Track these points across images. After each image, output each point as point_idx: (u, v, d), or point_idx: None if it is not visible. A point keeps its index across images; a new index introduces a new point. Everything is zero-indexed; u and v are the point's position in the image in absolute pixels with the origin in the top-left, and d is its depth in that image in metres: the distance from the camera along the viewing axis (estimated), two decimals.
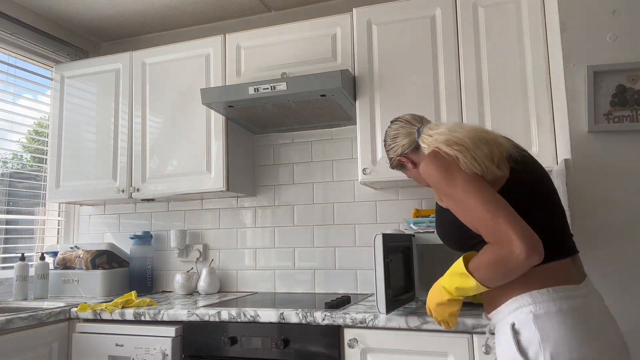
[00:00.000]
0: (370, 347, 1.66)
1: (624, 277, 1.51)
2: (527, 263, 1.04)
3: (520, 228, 1.06)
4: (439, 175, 1.20)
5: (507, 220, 1.07)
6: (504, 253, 1.06)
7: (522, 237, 1.05)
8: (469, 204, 1.13)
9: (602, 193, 1.56)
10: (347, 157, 2.47)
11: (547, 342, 1.05)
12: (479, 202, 1.12)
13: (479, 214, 1.11)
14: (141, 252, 2.60)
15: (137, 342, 1.92)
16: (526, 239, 1.04)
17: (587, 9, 1.63)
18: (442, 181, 1.19)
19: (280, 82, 2.00)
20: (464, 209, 1.15)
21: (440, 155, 1.23)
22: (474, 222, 1.14)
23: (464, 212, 1.16)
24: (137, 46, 2.97)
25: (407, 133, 1.42)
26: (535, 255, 1.04)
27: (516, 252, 1.04)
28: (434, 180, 1.22)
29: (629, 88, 1.56)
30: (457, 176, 1.17)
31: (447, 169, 1.19)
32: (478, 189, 1.14)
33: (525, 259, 1.04)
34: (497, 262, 1.08)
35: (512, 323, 1.11)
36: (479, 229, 1.12)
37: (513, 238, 1.05)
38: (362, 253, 2.39)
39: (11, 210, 2.64)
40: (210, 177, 2.32)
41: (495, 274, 1.10)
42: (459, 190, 1.16)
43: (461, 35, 2.00)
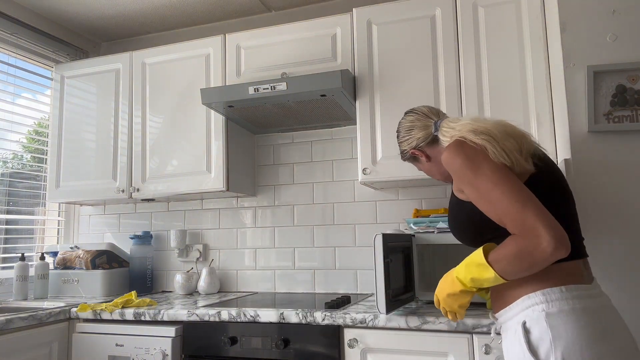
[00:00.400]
0: (370, 347, 1.66)
1: (625, 276, 1.51)
2: (554, 256, 1.02)
3: (549, 220, 1.04)
4: (464, 164, 1.16)
5: (535, 211, 1.05)
6: (530, 245, 1.03)
7: (550, 229, 1.02)
8: (495, 194, 1.10)
9: (602, 193, 1.56)
10: (347, 157, 2.47)
11: (559, 341, 1.03)
12: (506, 192, 1.08)
13: (505, 204, 1.08)
14: (141, 252, 2.60)
15: (137, 342, 1.92)
16: (554, 232, 1.02)
17: (587, 9, 1.63)
18: (468, 170, 1.15)
19: (280, 82, 2.00)
20: (489, 200, 1.11)
21: (466, 144, 1.19)
22: (499, 214, 1.10)
23: (488, 203, 1.12)
24: (137, 46, 2.97)
25: (424, 126, 1.38)
26: (563, 249, 1.02)
27: (543, 245, 1.02)
28: (458, 169, 1.17)
29: (629, 88, 1.56)
30: (484, 165, 1.14)
31: (473, 158, 1.15)
32: (506, 179, 1.10)
33: (553, 251, 1.01)
34: (522, 254, 1.05)
35: (524, 321, 1.10)
36: (504, 220, 1.09)
37: (541, 230, 1.02)
38: (362, 253, 2.39)
39: (11, 210, 2.64)
40: (210, 177, 2.32)
41: (518, 266, 1.06)
42: (485, 179, 1.12)
43: (461, 35, 2.00)
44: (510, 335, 1.14)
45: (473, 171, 1.14)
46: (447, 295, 1.22)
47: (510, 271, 1.08)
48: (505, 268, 1.08)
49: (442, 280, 1.25)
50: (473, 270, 1.14)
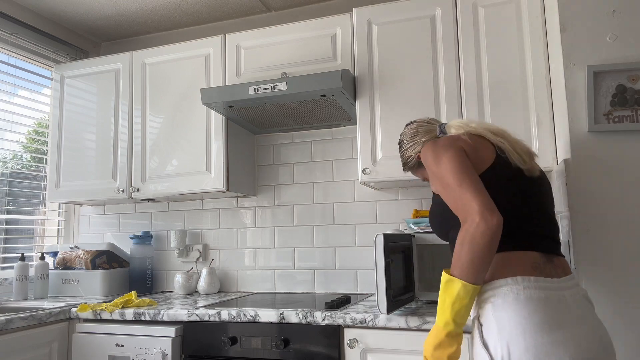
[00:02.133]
0: (370, 347, 1.66)
1: (625, 276, 1.51)
2: (489, 227, 1.04)
3: (483, 197, 1.08)
4: (430, 158, 1.23)
5: (472, 192, 1.09)
6: (468, 227, 1.07)
7: (480, 202, 1.06)
8: (448, 180, 1.15)
9: (602, 193, 1.56)
10: (347, 157, 2.47)
11: (503, 331, 1.04)
12: (453, 176, 1.14)
13: (452, 189, 1.13)
14: (141, 252, 2.60)
15: (137, 342, 1.92)
16: (484, 203, 1.06)
17: (587, 9, 1.63)
18: (432, 162, 1.22)
19: (280, 82, 2.00)
20: (444, 189, 1.17)
21: (439, 141, 1.26)
22: (450, 200, 1.15)
23: (444, 189, 1.17)
24: (137, 46, 2.97)
25: (428, 130, 1.42)
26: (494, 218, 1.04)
27: (476, 220, 1.05)
28: (427, 164, 1.25)
29: (629, 88, 1.56)
30: (444, 154, 1.20)
31: (436, 150, 1.23)
32: (456, 165, 1.16)
33: (485, 222, 1.04)
34: (465, 241, 1.07)
35: (478, 315, 1.12)
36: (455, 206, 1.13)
37: (474, 204, 1.07)
38: (362, 253, 2.39)
39: (11, 210, 2.64)
40: (210, 177, 2.32)
41: (467, 256, 1.07)
42: (442, 169, 1.18)
43: (461, 35, 2.00)
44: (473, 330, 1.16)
45: (436, 162, 1.21)
46: (433, 348, 1.14)
47: (465, 266, 1.07)
48: (462, 267, 1.08)
49: (427, 337, 1.19)
50: (444, 297, 1.11)
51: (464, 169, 1.15)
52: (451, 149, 1.20)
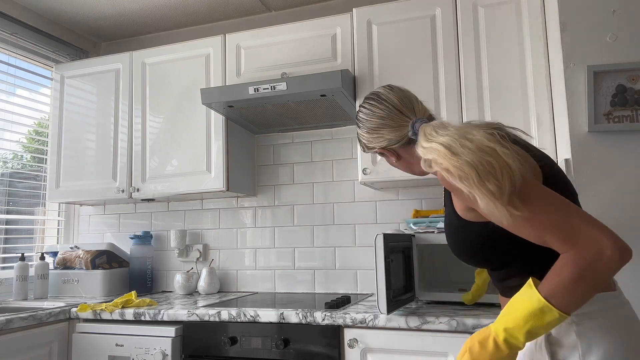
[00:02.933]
0: (370, 347, 1.66)
1: (626, 276, 1.51)
2: (621, 264, 0.87)
3: (599, 224, 0.89)
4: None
5: (582, 218, 0.89)
6: (591, 256, 0.87)
7: (607, 233, 0.88)
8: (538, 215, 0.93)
9: (602, 193, 1.56)
10: (347, 157, 2.47)
11: (590, 354, 0.93)
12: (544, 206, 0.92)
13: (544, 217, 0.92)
14: (141, 252, 2.60)
15: (137, 342, 1.92)
16: (611, 235, 0.88)
17: (587, 9, 1.63)
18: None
19: (280, 82, 2.00)
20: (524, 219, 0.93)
21: None
22: (536, 229, 0.93)
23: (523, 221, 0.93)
24: (137, 46, 2.97)
25: (397, 126, 1.15)
26: (628, 253, 0.87)
27: (608, 253, 0.86)
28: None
29: (629, 88, 1.56)
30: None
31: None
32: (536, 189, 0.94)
33: (620, 257, 0.86)
34: (583, 271, 0.88)
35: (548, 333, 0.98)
36: (546, 235, 0.92)
37: (600, 237, 0.87)
38: (362, 253, 2.39)
39: (11, 210, 2.64)
40: (210, 177, 2.32)
41: (581, 289, 0.89)
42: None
43: (461, 35, 2.00)
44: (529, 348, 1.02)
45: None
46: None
47: (573, 300, 0.89)
48: (567, 298, 0.89)
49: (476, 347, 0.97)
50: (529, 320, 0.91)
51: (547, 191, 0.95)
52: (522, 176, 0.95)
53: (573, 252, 0.89)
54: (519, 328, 0.91)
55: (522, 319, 0.91)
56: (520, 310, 0.92)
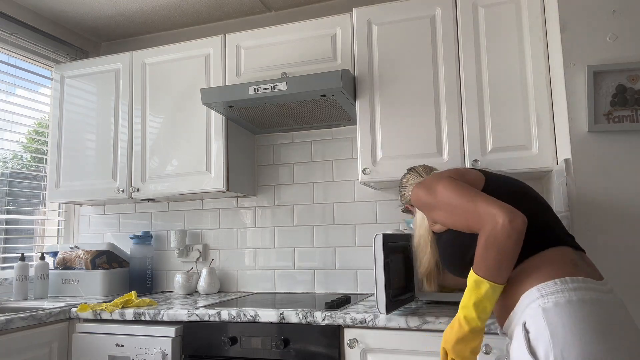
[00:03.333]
0: (370, 347, 1.66)
1: (625, 276, 1.51)
2: (514, 227, 1.07)
3: (495, 202, 1.12)
4: (424, 195, 1.28)
5: (484, 200, 1.13)
6: (489, 227, 1.09)
7: (499, 206, 1.10)
8: (451, 203, 1.20)
9: (602, 193, 1.56)
10: (347, 157, 2.47)
11: (557, 337, 0.97)
12: (457, 196, 1.18)
13: (460, 207, 1.17)
14: (141, 252, 2.60)
15: (137, 342, 1.92)
16: (504, 207, 1.09)
17: (587, 9, 1.63)
18: (427, 197, 1.27)
19: (280, 82, 2.00)
20: (451, 212, 1.20)
21: (424, 180, 1.34)
22: (461, 219, 1.18)
23: (452, 215, 1.21)
24: (137, 46, 2.97)
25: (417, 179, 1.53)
26: (518, 218, 1.07)
27: (499, 222, 1.07)
28: (423, 202, 1.29)
29: (629, 88, 1.56)
30: (437, 186, 1.25)
31: (428, 186, 1.28)
32: (453, 187, 1.21)
33: (510, 223, 1.07)
34: (488, 244, 1.09)
35: (524, 322, 1.05)
36: (467, 221, 1.16)
37: (493, 211, 1.10)
38: (362, 253, 2.39)
39: (11, 210, 2.64)
40: (210, 177, 2.32)
41: (492, 256, 1.09)
42: (440, 197, 1.23)
43: (461, 35, 2.00)
44: (514, 338, 1.10)
45: (431, 195, 1.26)
46: (455, 341, 1.16)
47: (490, 267, 1.10)
48: (484, 267, 1.11)
49: (447, 329, 1.21)
50: (471, 295, 1.13)
51: (464, 186, 1.21)
52: (442, 179, 1.26)
53: (481, 228, 1.12)
54: (468, 304, 1.13)
55: (467, 296, 1.14)
56: (465, 291, 1.15)
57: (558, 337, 0.98)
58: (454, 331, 1.18)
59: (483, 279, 1.10)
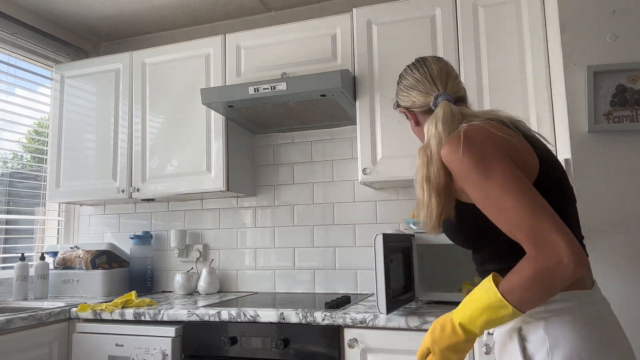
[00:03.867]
0: (370, 347, 1.66)
1: (625, 276, 1.51)
2: (575, 274, 0.91)
3: (567, 233, 0.92)
4: (471, 164, 1.00)
5: (551, 223, 0.93)
6: (550, 263, 0.91)
7: (569, 243, 0.91)
8: (506, 202, 0.96)
9: (602, 193, 1.56)
10: (347, 157, 2.47)
11: (557, 350, 0.97)
12: (518, 199, 0.95)
13: (518, 214, 0.95)
14: (141, 252, 2.60)
15: (137, 342, 1.92)
16: (574, 246, 0.91)
17: (587, 9, 1.63)
18: (475, 171, 1.00)
19: (280, 82, 2.00)
20: (499, 208, 0.98)
21: (473, 139, 1.03)
22: (510, 224, 0.97)
23: (498, 211, 0.98)
24: (137, 46, 2.97)
25: (426, 92, 1.22)
26: (584, 266, 0.91)
27: (564, 262, 0.90)
28: (463, 169, 1.02)
29: (629, 88, 1.56)
30: (495, 167, 0.99)
31: (482, 157, 1.00)
32: (517, 184, 0.97)
33: (575, 269, 0.90)
34: (540, 275, 0.92)
35: (519, 328, 1.03)
36: (516, 232, 0.96)
37: (560, 244, 0.91)
38: (362, 253, 2.39)
39: (11, 210, 2.64)
40: (210, 177, 2.32)
41: (536, 291, 0.93)
42: (496, 185, 0.98)
43: (461, 35, 2.00)
44: (504, 340, 1.09)
45: (483, 173, 0.99)
46: (447, 347, 1.04)
47: (527, 299, 0.95)
48: (522, 297, 0.94)
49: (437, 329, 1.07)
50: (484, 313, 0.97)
51: (528, 189, 0.97)
52: (501, 157, 1.00)
53: (535, 254, 0.93)
54: (475, 318, 0.99)
55: (478, 310, 0.98)
56: (478, 302, 0.98)
57: (558, 350, 0.98)
58: (445, 335, 1.05)
59: (510, 304, 0.95)
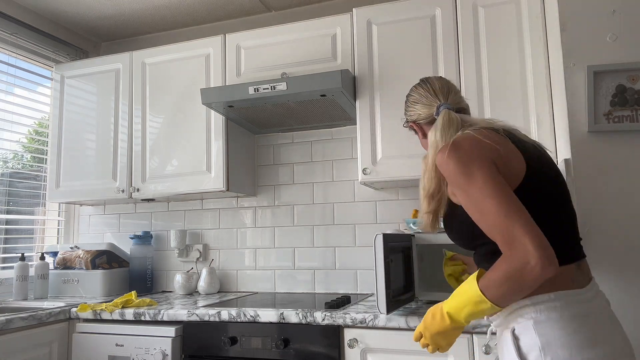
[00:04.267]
0: (370, 347, 1.66)
1: (625, 276, 1.51)
2: (542, 276, 0.97)
3: (537, 236, 0.99)
4: (457, 169, 1.10)
5: (524, 227, 1.00)
6: (519, 263, 0.99)
7: (538, 246, 0.98)
8: (486, 205, 1.05)
9: (602, 193, 1.56)
10: (347, 157, 2.47)
11: (548, 348, 1.02)
12: (495, 203, 1.04)
13: (494, 217, 1.03)
14: (141, 252, 2.60)
15: (137, 342, 1.92)
16: (543, 250, 0.97)
17: (587, 9, 1.63)
18: (460, 176, 1.10)
19: (280, 82, 2.00)
20: (479, 210, 1.07)
21: (461, 148, 1.13)
22: (488, 225, 1.06)
23: (479, 213, 1.08)
24: (137, 46, 2.97)
25: (429, 104, 1.33)
26: (552, 269, 0.97)
27: (531, 263, 0.97)
28: (451, 174, 1.12)
29: (629, 88, 1.56)
30: (477, 172, 1.08)
31: (466, 163, 1.10)
32: (495, 189, 1.05)
33: (541, 270, 0.97)
34: (511, 274, 1.00)
35: (513, 328, 1.09)
36: (493, 233, 1.05)
37: (529, 247, 0.98)
38: (362, 253, 2.39)
39: (11, 210, 2.64)
40: (210, 177, 2.32)
41: (507, 289, 1.02)
42: (477, 188, 1.07)
43: (461, 35, 2.00)
44: (503, 340, 1.14)
45: (466, 177, 1.09)
46: (436, 333, 1.15)
47: (501, 295, 1.03)
48: (496, 293, 1.03)
49: (430, 316, 1.18)
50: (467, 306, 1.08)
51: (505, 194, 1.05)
52: (484, 163, 1.09)
53: (508, 254, 1.02)
54: (460, 309, 1.10)
55: (462, 303, 1.09)
56: (463, 296, 1.09)
57: (550, 348, 1.03)
58: (435, 322, 1.15)
59: (487, 299, 1.04)
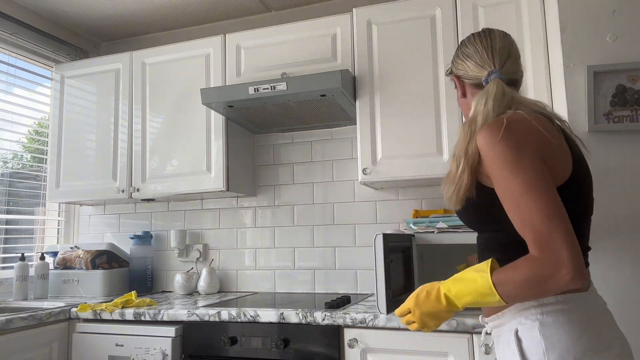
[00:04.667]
0: (370, 347, 1.66)
1: (624, 277, 1.51)
2: (569, 286, 0.94)
3: (575, 247, 0.94)
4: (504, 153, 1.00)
5: (564, 233, 0.94)
6: (548, 271, 0.93)
7: (574, 257, 0.93)
8: (526, 201, 0.97)
9: (602, 193, 1.56)
10: (347, 157, 2.47)
11: (552, 351, 1.01)
12: (538, 202, 0.96)
13: (534, 215, 0.96)
14: (141, 252, 2.60)
15: (137, 342, 1.92)
16: (577, 261, 0.93)
17: (587, 9, 1.63)
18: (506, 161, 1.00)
19: (280, 82, 2.00)
20: (517, 203, 0.99)
21: (512, 129, 1.03)
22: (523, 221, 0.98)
23: (515, 205, 0.99)
24: (137, 46, 2.97)
25: (480, 65, 1.19)
26: (581, 279, 0.93)
27: (562, 273, 0.92)
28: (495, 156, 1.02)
29: (629, 88, 1.56)
30: (527, 164, 0.99)
31: (517, 150, 1.00)
32: (541, 187, 0.98)
33: (571, 281, 0.93)
34: (536, 279, 0.95)
35: (516, 329, 1.07)
36: (526, 230, 0.98)
37: (564, 256, 0.93)
38: (362, 253, 2.39)
39: (11, 210, 2.64)
40: (210, 177, 2.32)
41: (526, 292, 0.98)
42: (521, 181, 0.98)
43: (461, 36, 2.00)
44: (502, 341, 1.12)
45: (513, 166, 0.99)
46: (427, 312, 1.11)
47: (515, 295, 0.99)
48: (511, 291, 0.99)
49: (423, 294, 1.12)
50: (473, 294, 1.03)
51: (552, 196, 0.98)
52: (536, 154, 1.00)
53: (537, 256, 0.95)
54: (462, 295, 1.04)
55: (467, 290, 1.03)
56: (470, 283, 1.03)
57: (554, 351, 1.01)
58: (429, 301, 1.10)
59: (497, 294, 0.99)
